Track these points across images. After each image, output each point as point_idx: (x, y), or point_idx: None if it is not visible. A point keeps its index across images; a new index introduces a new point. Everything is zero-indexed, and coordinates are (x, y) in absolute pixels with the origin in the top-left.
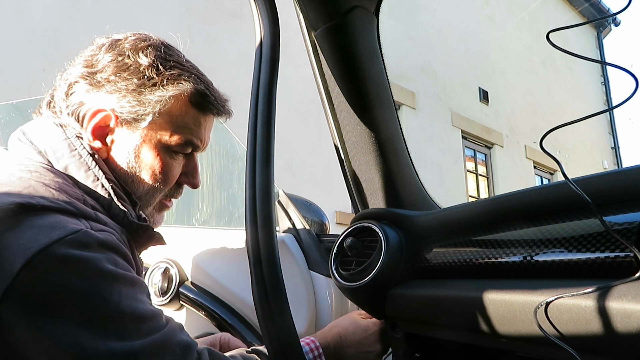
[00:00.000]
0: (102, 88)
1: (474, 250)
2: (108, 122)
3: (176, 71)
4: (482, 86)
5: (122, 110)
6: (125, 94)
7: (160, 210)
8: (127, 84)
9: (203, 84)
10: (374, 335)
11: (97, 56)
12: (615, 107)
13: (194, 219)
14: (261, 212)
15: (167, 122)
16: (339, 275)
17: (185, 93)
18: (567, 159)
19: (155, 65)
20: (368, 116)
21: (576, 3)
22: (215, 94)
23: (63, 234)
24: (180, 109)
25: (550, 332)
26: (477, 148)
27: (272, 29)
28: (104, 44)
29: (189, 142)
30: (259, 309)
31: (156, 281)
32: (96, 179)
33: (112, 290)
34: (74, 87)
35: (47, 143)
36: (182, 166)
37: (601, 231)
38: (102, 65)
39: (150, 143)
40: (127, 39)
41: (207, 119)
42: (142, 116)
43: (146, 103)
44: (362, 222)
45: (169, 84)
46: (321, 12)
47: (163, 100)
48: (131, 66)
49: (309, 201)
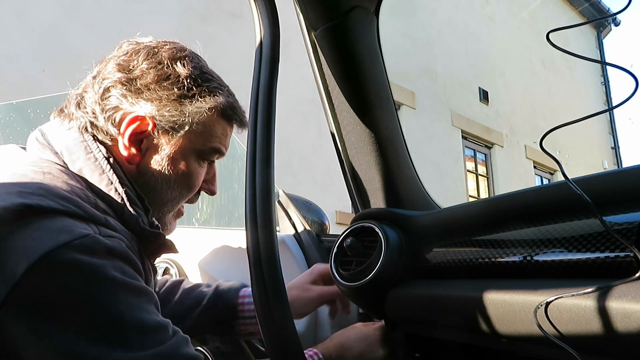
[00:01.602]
0: (141, 95)
1: (474, 250)
2: (145, 128)
3: (212, 84)
4: (482, 86)
5: (162, 119)
6: (166, 103)
7: (177, 217)
8: (168, 93)
9: (232, 96)
10: (376, 341)
11: (133, 62)
12: (615, 107)
13: (194, 219)
14: (261, 212)
15: (201, 131)
16: (339, 275)
17: (220, 107)
18: (567, 159)
19: (193, 76)
20: (368, 116)
21: (576, 3)
22: (239, 106)
23: (70, 238)
24: (213, 119)
25: (550, 332)
26: (477, 148)
27: (272, 29)
28: (138, 50)
29: (217, 150)
30: (259, 309)
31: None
32: (110, 182)
33: (117, 298)
34: (111, 91)
35: (63, 144)
36: (204, 174)
37: (601, 231)
38: (140, 72)
39: (184, 151)
40: (163, 47)
41: (231, 130)
42: (180, 126)
43: (186, 113)
44: (362, 222)
45: (206, 96)
46: (321, 12)
47: (202, 112)
48: (171, 75)
49: (309, 201)
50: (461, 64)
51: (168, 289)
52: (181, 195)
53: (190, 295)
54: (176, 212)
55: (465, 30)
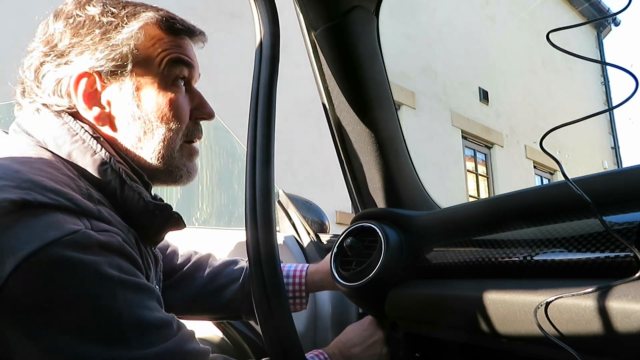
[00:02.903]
0: (70, 55)
1: (474, 250)
2: (94, 83)
3: (130, 8)
4: (482, 86)
5: (101, 64)
6: (95, 47)
7: (190, 156)
8: (91, 37)
9: (163, 11)
10: (372, 325)
11: (48, 31)
12: (615, 107)
13: (194, 219)
14: (261, 212)
15: (148, 56)
16: (339, 275)
17: (151, 21)
18: (567, 159)
19: (107, 10)
20: (368, 116)
21: (576, 3)
22: (180, 17)
23: (59, 234)
24: (153, 39)
25: (550, 332)
26: (477, 148)
27: (272, 29)
28: (48, 18)
29: (178, 61)
30: (259, 309)
31: None
32: (104, 162)
33: (113, 296)
34: (42, 69)
35: (44, 132)
36: (188, 101)
37: (601, 231)
38: (59, 35)
39: (145, 85)
40: (66, 3)
41: (184, 42)
42: (121, 61)
43: (119, 44)
44: (362, 222)
45: (131, 20)
46: (321, 12)
47: (133, 34)
48: (85, 21)
49: (309, 201)
50: (461, 64)
51: (196, 265)
52: (171, 130)
53: (223, 272)
54: (187, 152)
55: (465, 30)
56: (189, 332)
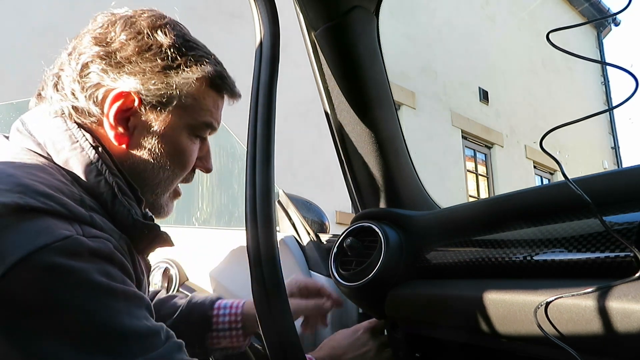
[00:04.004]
0: (123, 69)
1: (474, 250)
2: (131, 105)
3: (197, 52)
4: (482, 86)
5: (147, 94)
6: (151, 75)
7: (174, 197)
8: (152, 65)
9: (219, 65)
10: (364, 334)
11: (110, 34)
12: (615, 107)
13: (194, 219)
14: (261, 212)
15: (190, 105)
16: (339, 275)
17: (208, 75)
18: (567, 159)
19: (176, 45)
20: (368, 116)
21: (576, 3)
22: (228, 75)
23: (50, 240)
24: (202, 91)
25: (550, 332)
26: (477, 148)
27: (272, 29)
28: (114, 21)
29: (210, 124)
30: (259, 309)
31: (156, 281)
32: (99, 173)
33: (100, 304)
34: (90, 67)
35: (46, 134)
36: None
37: (601, 231)
38: (119, 44)
39: (174, 127)
40: (141, 15)
41: (222, 101)
42: (168, 100)
43: (173, 85)
44: (362, 222)
45: (192, 65)
46: (321, 12)
47: (189, 83)
48: (152, 46)
49: (309, 201)
50: (461, 64)
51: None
52: (174, 174)
53: (165, 305)
54: (173, 193)
55: (465, 30)
56: (178, 343)
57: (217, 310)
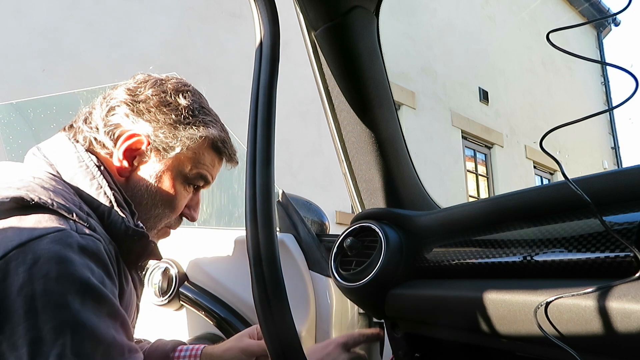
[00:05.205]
0: (142, 116)
1: (474, 250)
2: (140, 146)
3: (207, 117)
4: (482, 86)
5: (156, 139)
6: (163, 125)
7: (162, 236)
8: (166, 117)
9: (225, 133)
10: (335, 350)
11: (140, 88)
12: (615, 107)
13: None
14: (261, 212)
15: (190, 157)
16: (339, 275)
17: (211, 137)
18: (567, 159)
19: (192, 108)
20: (368, 116)
21: (576, 3)
22: (231, 143)
23: (45, 231)
24: (203, 148)
25: (550, 332)
26: (477, 148)
27: (272, 29)
28: (147, 80)
29: (204, 177)
30: (259, 309)
31: (156, 281)
32: (99, 186)
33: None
34: (115, 110)
35: (57, 156)
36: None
37: (601, 231)
38: (144, 97)
39: (171, 172)
40: (169, 80)
41: (220, 163)
42: (172, 147)
43: (179, 137)
44: (362, 222)
45: (200, 126)
46: (321, 12)
47: (194, 138)
48: (171, 104)
49: (309, 201)
50: (461, 64)
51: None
52: (164, 214)
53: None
54: (161, 232)
55: (465, 30)
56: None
57: (178, 352)
